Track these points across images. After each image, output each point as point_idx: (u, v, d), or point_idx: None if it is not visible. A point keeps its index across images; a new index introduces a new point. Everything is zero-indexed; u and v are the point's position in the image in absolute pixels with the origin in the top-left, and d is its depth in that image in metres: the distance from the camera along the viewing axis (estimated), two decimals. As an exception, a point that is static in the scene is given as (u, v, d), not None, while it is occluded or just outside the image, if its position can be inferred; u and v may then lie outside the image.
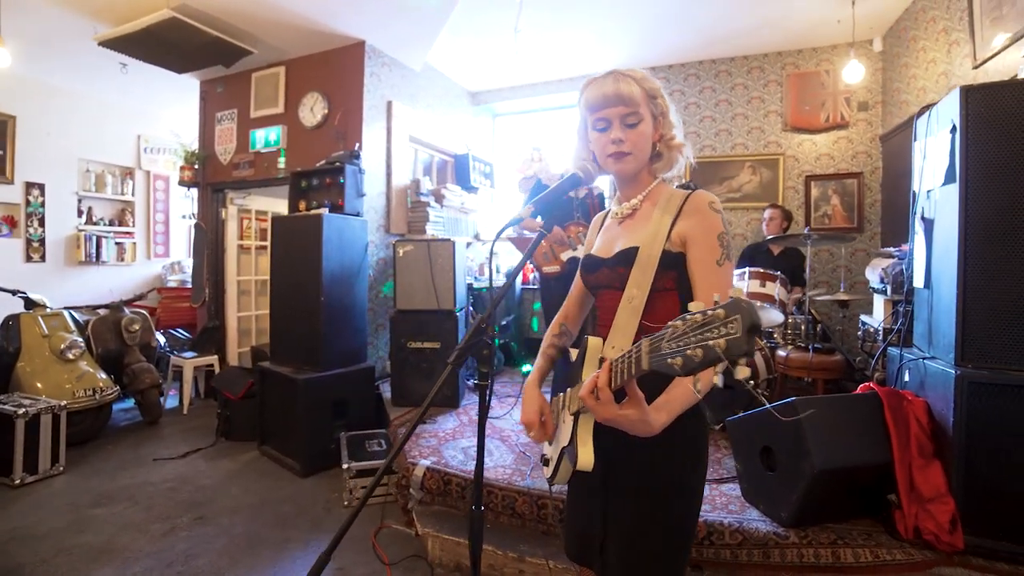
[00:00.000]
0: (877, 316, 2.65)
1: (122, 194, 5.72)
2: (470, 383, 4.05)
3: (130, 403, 4.29)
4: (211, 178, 4.69)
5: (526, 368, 4.66)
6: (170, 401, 4.47)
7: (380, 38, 3.98)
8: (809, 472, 1.85)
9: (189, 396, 4.32)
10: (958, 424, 1.84)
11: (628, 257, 1.08)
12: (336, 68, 3.99)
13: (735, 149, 4.91)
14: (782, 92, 4.72)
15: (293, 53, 4.13)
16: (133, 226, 5.79)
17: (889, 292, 2.53)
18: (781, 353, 3.11)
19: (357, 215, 3.56)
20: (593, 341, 1.08)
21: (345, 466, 2.83)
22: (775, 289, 3.30)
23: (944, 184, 1.97)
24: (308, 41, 3.92)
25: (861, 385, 2.24)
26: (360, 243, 3.54)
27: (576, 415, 1.07)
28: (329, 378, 3.27)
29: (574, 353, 1.26)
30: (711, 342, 0.60)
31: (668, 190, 1.14)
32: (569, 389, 1.14)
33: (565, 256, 3.12)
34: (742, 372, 0.58)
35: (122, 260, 5.70)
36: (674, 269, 1.06)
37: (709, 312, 0.63)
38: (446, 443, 2.90)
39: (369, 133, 3.98)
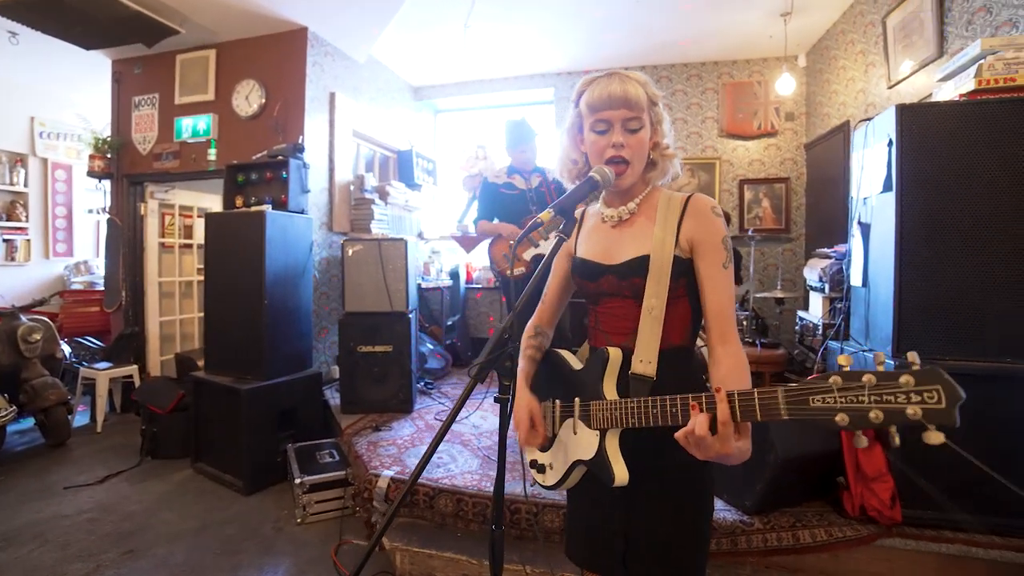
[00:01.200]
0: (815, 312, 2.86)
1: (11, 184, 5.02)
2: (420, 385, 3.95)
3: (28, 423, 3.78)
4: (128, 169, 4.22)
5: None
6: (79, 418, 3.99)
7: (325, 26, 3.75)
8: (774, 462, 1.95)
9: (103, 412, 3.87)
10: (897, 411, 2.02)
11: (641, 266, 1.06)
12: (275, 55, 3.71)
13: (675, 152, 5.11)
14: (718, 100, 4.98)
15: (226, 36, 3.80)
16: (26, 221, 5.10)
17: (827, 290, 2.74)
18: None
19: (302, 212, 3.34)
20: (614, 352, 1.06)
21: (298, 481, 2.65)
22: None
23: (882, 192, 2.14)
24: (244, 24, 3.62)
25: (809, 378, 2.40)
26: (305, 242, 3.34)
27: (603, 432, 1.05)
28: (274, 386, 3.05)
29: (571, 359, 1.23)
30: (907, 410, 0.65)
31: (665, 194, 1.12)
32: (578, 399, 1.11)
33: (528, 255, 3.05)
34: (936, 438, 0.62)
35: (12, 260, 5.01)
36: (684, 276, 1.06)
37: (891, 376, 0.67)
38: (407, 451, 2.80)
39: (311, 126, 3.75)
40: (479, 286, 5.51)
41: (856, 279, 2.41)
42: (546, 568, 2.07)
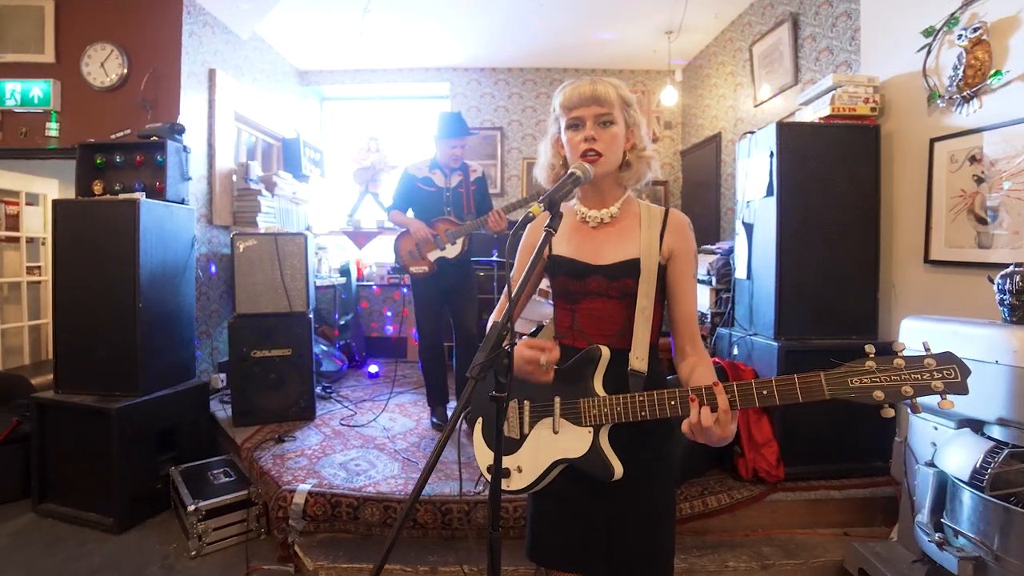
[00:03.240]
0: (703, 302, 3.21)
1: None
2: (318, 389, 3.69)
3: None
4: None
5: (373, 369, 4.43)
6: None
7: (205, -8, 3.31)
8: (687, 441, 2.16)
9: None
10: (779, 385, 2.36)
11: (632, 269, 1.11)
12: (141, 18, 3.16)
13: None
14: (605, 106, 5.32)
15: (67, -14, 3.16)
16: None
17: (714, 282, 3.10)
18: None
19: (182, 203, 2.92)
20: (606, 351, 1.09)
21: (191, 507, 2.33)
22: (617, 281, 3.75)
23: (765, 196, 2.48)
24: (92, -25, 3.05)
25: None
26: (186, 236, 2.93)
27: (596, 428, 1.07)
28: (153, 403, 2.65)
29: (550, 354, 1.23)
30: (932, 383, 0.81)
31: (644, 203, 1.19)
32: (559, 398, 1.12)
33: (433, 256, 3.00)
34: (948, 405, 0.80)
35: None
36: (660, 281, 1.14)
37: (917, 360, 0.83)
38: (319, 461, 2.60)
39: (188, 105, 3.28)
40: (371, 283, 5.28)
41: (741, 272, 2.76)
42: (482, 565, 2.07)
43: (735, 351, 2.72)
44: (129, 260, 2.53)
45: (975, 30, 2.05)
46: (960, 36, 2.10)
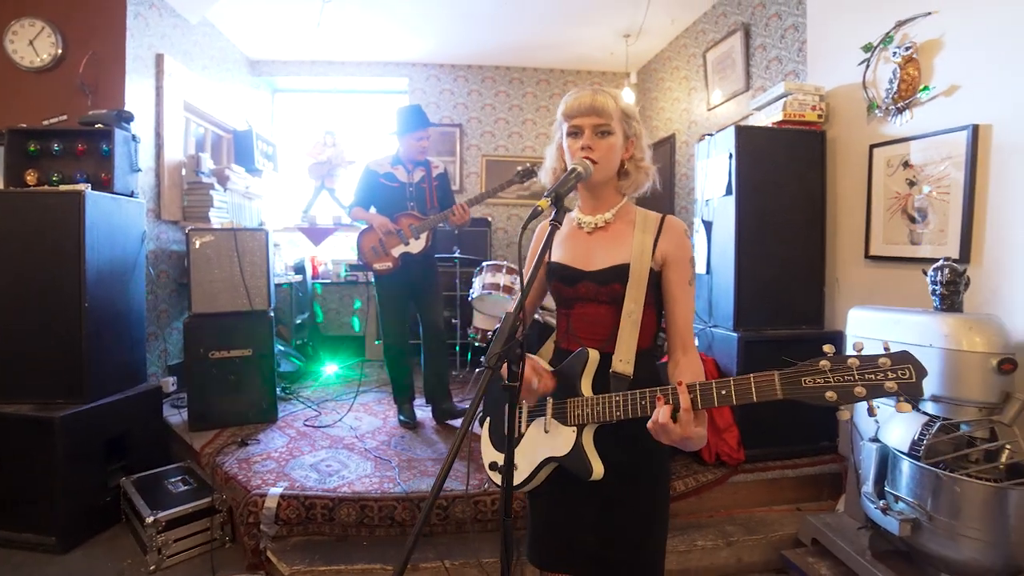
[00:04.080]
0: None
1: None
2: (277, 390, 3.57)
3: None
4: None
5: (333, 368, 4.33)
6: None
7: (147, -31, 3.10)
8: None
9: None
10: (739, 371, 2.51)
11: (621, 273, 1.13)
12: (79, -7, 2.93)
13: (525, 151, 5.43)
14: (563, 106, 5.42)
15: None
16: None
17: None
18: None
19: (131, 195, 2.74)
20: (594, 354, 1.13)
21: (149, 519, 2.20)
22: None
23: (724, 195, 2.62)
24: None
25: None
26: (136, 231, 2.75)
27: (580, 427, 1.11)
28: (101, 410, 2.48)
29: (542, 361, 1.25)
30: (885, 384, 0.79)
31: (640, 209, 1.20)
32: (551, 399, 1.16)
33: (397, 251, 2.96)
34: (905, 408, 0.79)
35: None
36: (653, 287, 1.15)
37: (871, 359, 0.80)
38: (288, 463, 2.53)
39: (134, 92, 3.07)
40: (328, 281, 5.14)
41: (700, 267, 2.91)
42: (463, 559, 2.09)
43: (695, 341, 2.87)
44: (73, 256, 2.35)
45: (907, 49, 2.26)
46: (895, 53, 2.31)
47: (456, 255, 4.11)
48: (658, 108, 4.85)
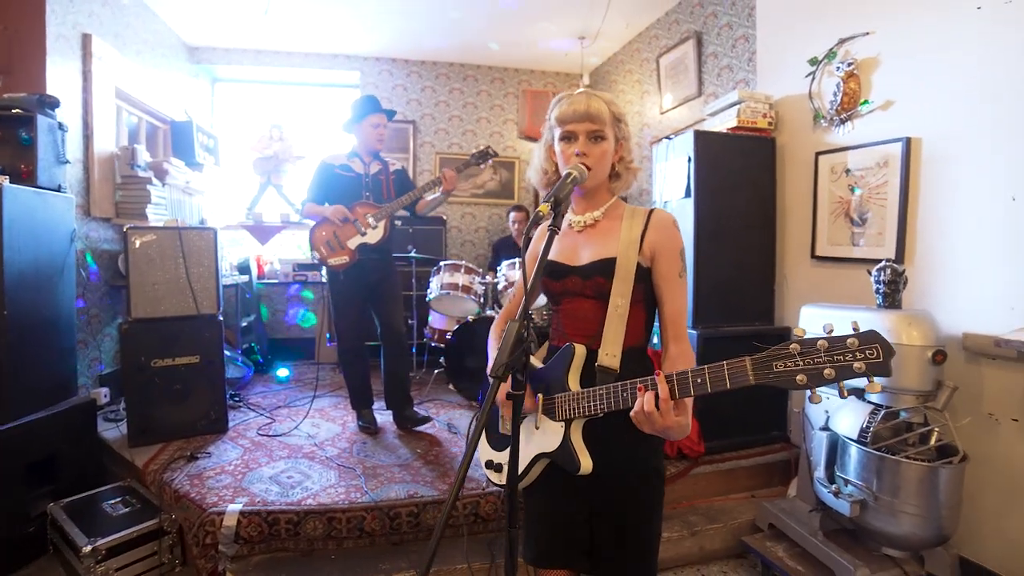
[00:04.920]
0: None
1: None
2: (231, 401, 3.38)
3: None
4: None
5: (282, 373, 4.15)
6: None
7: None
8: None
9: None
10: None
11: (607, 267, 1.14)
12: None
13: (479, 149, 5.39)
14: (518, 104, 5.43)
15: None
16: None
17: (634, 277, 3.34)
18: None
19: (58, 190, 2.48)
20: (580, 348, 1.14)
21: (87, 548, 2.00)
22: (539, 277, 3.87)
23: (684, 197, 2.72)
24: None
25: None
26: (64, 229, 2.51)
27: (568, 422, 1.12)
28: (23, 429, 2.24)
29: (532, 359, 1.23)
30: (854, 365, 0.78)
31: (629, 206, 1.23)
32: (541, 395, 1.17)
33: (353, 243, 2.85)
34: (875, 389, 0.78)
35: None
36: (643, 282, 1.15)
37: (840, 340, 0.79)
38: (245, 477, 2.39)
39: (57, 75, 2.78)
40: (274, 281, 4.91)
41: (660, 268, 3.00)
42: (436, 566, 2.06)
43: (654, 339, 2.96)
44: (-13, 258, 2.11)
45: (849, 64, 2.43)
46: (838, 68, 2.48)
47: (412, 254, 4.03)
48: (611, 110, 4.95)
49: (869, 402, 2.02)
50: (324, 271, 4.35)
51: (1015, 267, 1.88)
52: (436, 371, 3.85)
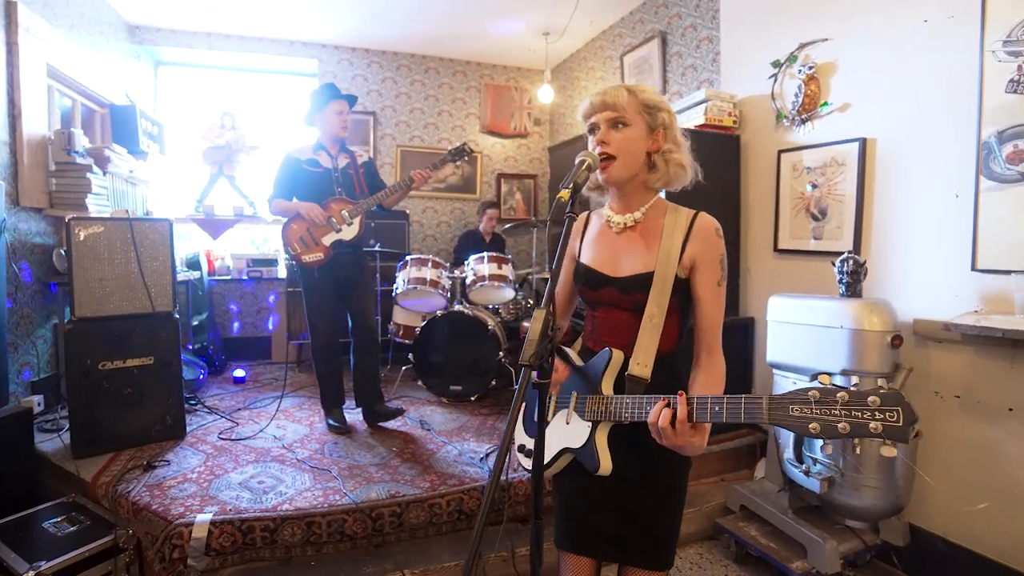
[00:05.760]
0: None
1: None
2: (191, 403, 3.18)
3: None
4: None
5: (239, 373, 3.94)
6: None
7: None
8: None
9: None
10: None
11: (644, 283, 1.12)
12: None
13: (441, 143, 5.33)
14: (480, 98, 5.39)
15: None
16: None
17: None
18: (526, 324, 3.69)
19: (-13, 177, 2.24)
20: (617, 354, 1.13)
21: (29, 574, 1.82)
22: (508, 270, 3.86)
23: (656, 193, 2.78)
24: None
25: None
26: (-6, 221, 2.26)
27: (594, 424, 1.13)
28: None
29: (574, 356, 1.25)
30: (870, 424, 0.78)
31: (672, 207, 1.17)
32: (575, 393, 1.18)
33: (328, 240, 2.77)
34: (889, 452, 0.79)
35: None
36: (679, 294, 1.13)
37: (861, 396, 0.79)
38: (212, 484, 2.25)
39: (-23, 47, 2.51)
40: (227, 278, 4.66)
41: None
42: (423, 566, 2.02)
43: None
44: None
45: (809, 68, 2.57)
46: (799, 71, 2.61)
47: (376, 248, 3.93)
48: (573, 106, 5.01)
49: (835, 386, 2.14)
50: (289, 266, 4.20)
51: (959, 258, 2.05)
52: (404, 368, 3.77)
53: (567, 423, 1.18)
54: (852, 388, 0.83)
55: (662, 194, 1.24)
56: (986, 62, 1.96)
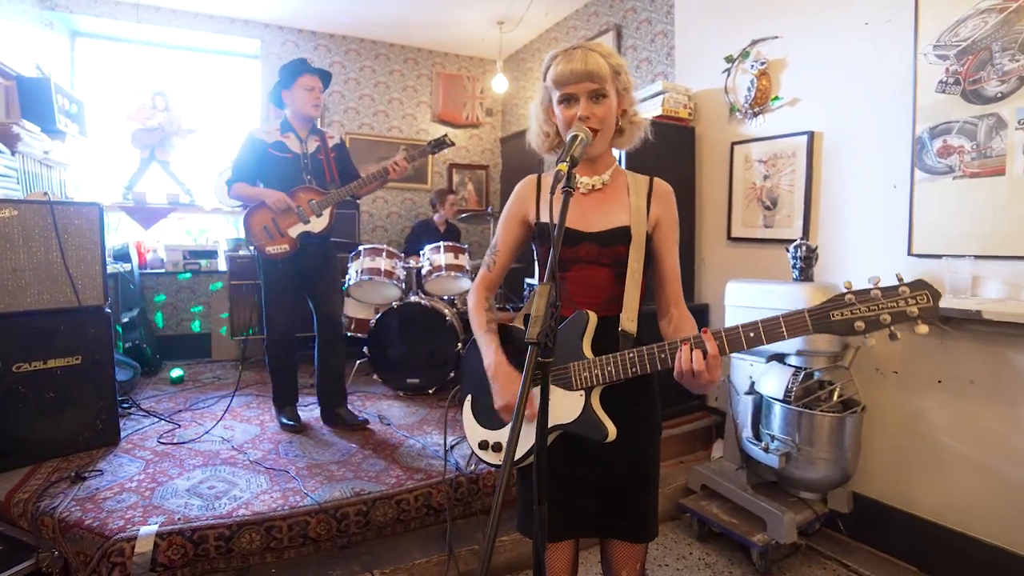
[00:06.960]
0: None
1: None
2: (124, 407, 2.90)
3: None
4: None
5: (176, 373, 3.66)
6: None
7: None
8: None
9: None
10: (634, 346, 2.75)
11: (624, 236, 1.14)
12: None
13: (391, 131, 5.17)
14: (432, 87, 5.27)
15: None
16: None
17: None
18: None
19: None
20: (592, 316, 1.12)
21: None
22: (464, 260, 3.79)
23: (618, 182, 2.82)
24: None
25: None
26: None
27: (588, 390, 1.10)
28: None
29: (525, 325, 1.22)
30: (908, 310, 0.86)
31: (629, 172, 1.23)
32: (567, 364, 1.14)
33: (295, 232, 2.60)
34: (923, 329, 0.86)
35: None
36: (646, 249, 1.17)
37: (892, 289, 0.87)
38: (155, 493, 2.07)
39: None
40: (160, 271, 4.31)
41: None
42: (393, 565, 1.95)
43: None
44: None
45: (761, 64, 2.67)
46: (752, 66, 2.72)
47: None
48: (525, 97, 5.00)
49: (790, 365, 2.26)
50: (231, 258, 3.93)
51: (897, 243, 2.20)
52: (358, 361, 3.63)
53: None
54: (877, 285, 0.90)
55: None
56: (919, 64, 2.11)
